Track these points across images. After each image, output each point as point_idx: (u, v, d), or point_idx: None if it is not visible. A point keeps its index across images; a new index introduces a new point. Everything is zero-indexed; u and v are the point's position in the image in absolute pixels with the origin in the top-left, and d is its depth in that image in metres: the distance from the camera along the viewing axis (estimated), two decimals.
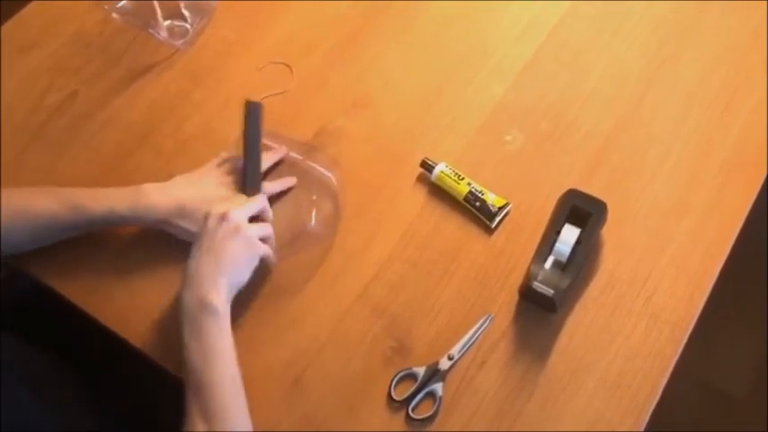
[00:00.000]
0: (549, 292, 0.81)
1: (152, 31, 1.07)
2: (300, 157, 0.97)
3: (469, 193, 0.92)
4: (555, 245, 0.84)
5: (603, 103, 1.01)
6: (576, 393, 0.81)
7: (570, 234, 0.85)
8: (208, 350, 0.75)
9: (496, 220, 0.91)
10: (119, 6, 1.10)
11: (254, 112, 0.92)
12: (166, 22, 1.08)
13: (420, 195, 0.95)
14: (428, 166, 0.95)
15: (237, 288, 0.81)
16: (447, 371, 0.83)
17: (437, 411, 0.81)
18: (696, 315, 0.86)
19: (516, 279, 0.88)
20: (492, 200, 0.92)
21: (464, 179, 0.93)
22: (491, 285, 0.88)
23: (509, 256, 0.90)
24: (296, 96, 1.03)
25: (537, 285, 0.82)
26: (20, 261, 0.90)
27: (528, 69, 1.05)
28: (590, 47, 1.07)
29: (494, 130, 1.00)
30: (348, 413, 0.81)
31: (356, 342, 0.85)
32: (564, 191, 0.89)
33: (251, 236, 0.81)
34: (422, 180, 0.96)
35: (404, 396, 0.81)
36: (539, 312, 0.86)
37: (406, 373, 0.83)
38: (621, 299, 0.87)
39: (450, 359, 0.83)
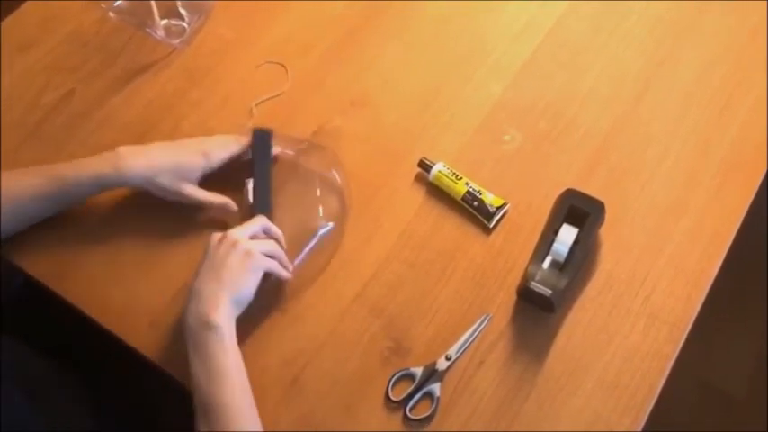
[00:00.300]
0: (547, 292, 0.81)
1: (149, 31, 1.07)
2: (301, 155, 0.97)
3: (467, 192, 0.92)
4: (553, 245, 0.84)
5: (602, 102, 1.01)
6: (574, 393, 0.81)
7: (568, 234, 0.84)
8: (212, 370, 0.75)
9: (494, 219, 0.91)
10: (116, 5, 1.10)
11: (263, 139, 0.93)
12: (163, 21, 1.08)
13: (418, 195, 0.95)
14: (426, 166, 0.95)
15: (243, 305, 0.80)
16: (445, 371, 0.83)
17: (435, 411, 0.80)
18: (694, 315, 0.86)
19: (514, 279, 0.88)
20: (490, 200, 0.92)
21: (462, 179, 0.93)
22: (489, 285, 0.88)
23: (507, 256, 0.90)
24: (294, 96, 1.03)
25: (535, 285, 0.82)
26: (16, 260, 0.90)
27: (526, 69, 1.05)
28: (588, 46, 1.07)
29: (492, 130, 0.99)
30: (346, 413, 0.81)
31: (354, 342, 0.85)
32: (562, 191, 0.88)
33: (250, 249, 0.81)
34: (420, 180, 0.96)
35: (401, 396, 0.81)
36: (537, 312, 0.85)
37: (403, 373, 0.83)
38: (619, 299, 0.87)
39: (448, 359, 0.83)
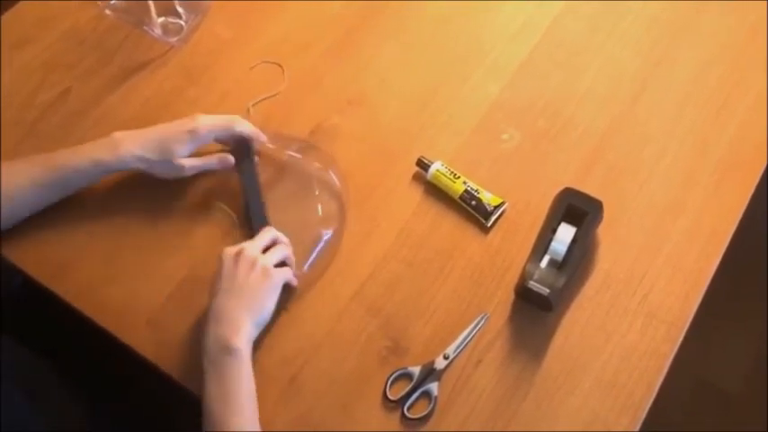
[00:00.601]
0: (545, 291, 0.81)
1: (146, 28, 1.07)
2: (299, 155, 0.97)
3: (465, 191, 0.92)
4: (551, 244, 0.84)
5: (599, 102, 1.01)
6: (572, 393, 0.81)
7: (566, 233, 0.84)
8: (226, 393, 0.74)
9: (492, 218, 0.91)
10: (112, 3, 1.09)
11: (244, 152, 0.93)
12: (160, 19, 1.07)
13: (416, 194, 0.95)
14: (424, 165, 0.94)
15: (262, 326, 0.81)
16: (442, 370, 0.82)
17: (432, 411, 0.80)
18: (692, 314, 0.86)
19: (512, 278, 0.88)
20: (488, 199, 0.92)
21: (460, 178, 0.93)
22: (487, 284, 0.88)
23: (505, 255, 0.90)
24: (291, 95, 1.03)
25: (533, 284, 0.82)
26: (14, 259, 0.90)
27: (523, 68, 1.05)
28: (585, 46, 1.07)
29: (490, 129, 0.99)
30: (343, 412, 0.81)
31: (352, 341, 0.85)
32: (560, 190, 0.88)
33: (269, 267, 0.81)
34: (417, 179, 0.96)
35: (399, 396, 0.81)
36: (534, 311, 0.85)
37: (401, 372, 0.82)
38: (617, 298, 0.87)
39: (446, 358, 0.83)
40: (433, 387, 0.81)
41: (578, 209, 0.86)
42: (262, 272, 0.80)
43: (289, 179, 0.96)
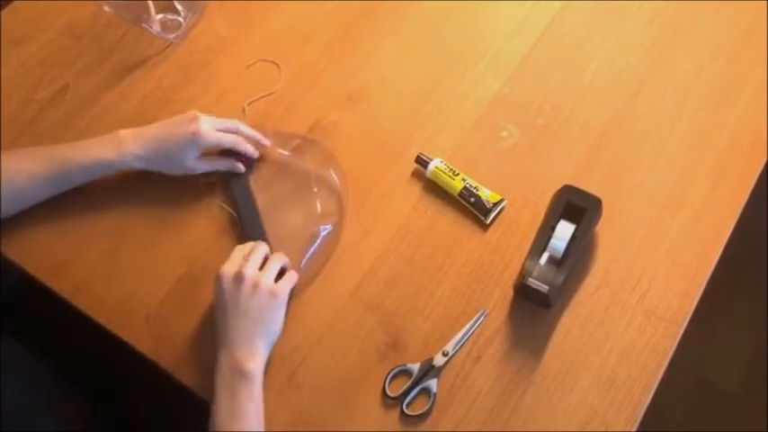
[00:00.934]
0: (544, 288, 0.81)
1: (144, 25, 1.07)
2: (297, 152, 0.97)
3: (464, 188, 0.92)
4: (550, 241, 0.84)
5: (599, 98, 1.01)
6: (571, 389, 0.81)
7: (565, 230, 0.84)
8: (240, 417, 0.75)
9: (491, 215, 0.91)
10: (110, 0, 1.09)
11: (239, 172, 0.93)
12: (159, 16, 1.07)
13: (415, 191, 0.94)
14: (423, 162, 0.94)
15: (274, 343, 0.81)
16: (442, 367, 0.82)
17: (432, 407, 0.80)
18: (691, 311, 0.86)
19: (511, 275, 0.88)
20: (487, 195, 0.91)
21: (459, 175, 0.93)
22: (486, 281, 0.88)
23: (504, 252, 0.90)
24: (290, 91, 1.03)
25: (532, 281, 0.82)
26: (12, 256, 0.90)
27: (523, 65, 1.04)
28: (585, 42, 1.06)
29: (489, 126, 0.99)
30: (342, 409, 0.81)
31: (351, 338, 0.85)
32: (559, 187, 0.88)
33: (273, 287, 0.81)
34: (416, 175, 0.95)
35: (398, 392, 0.81)
36: (534, 308, 0.85)
37: (400, 369, 0.82)
38: (616, 295, 0.87)
39: (445, 355, 0.83)
40: (433, 384, 0.81)
41: (577, 206, 0.86)
42: (268, 293, 0.80)
43: (287, 176, 0.95)
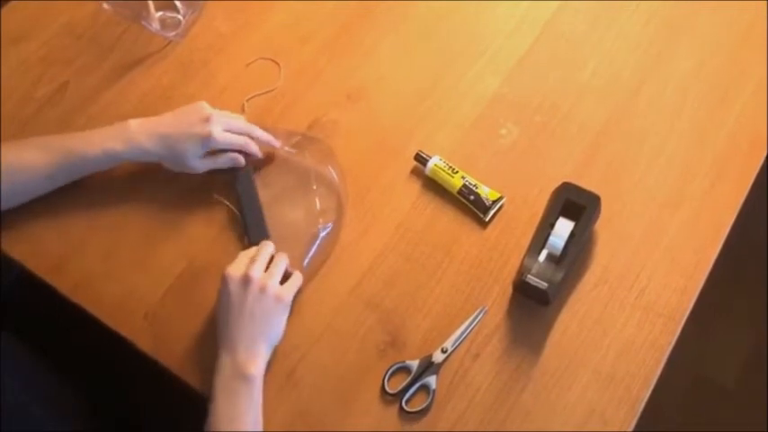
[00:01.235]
0: (543, 285, 0.81)
1: (144, 23, 1.07)
2: (297, 149, 0.97)
3: (463, 186, 0.92)
4: (549, 238, 0.84)
5: (598, 96, 1.01)
6: (570, 386, 0.81)
7: (564, 227, 0.85)
8: (238, 419, 0.75)
9: (490, 213, 0.91)
10: None
11: (245, 168, 0.93)
12: (158, 14, 1.07)
13: (414, 189, 0.95)
14: (422, 160, 0.94)
15: (275, 345, 0.81)
16: (441, 364, 0.83)
17: (431, 404, 0.81)
18: (689, 308, 0.86)
19: (510, 272, 0.88)
20: (486, 193, 0.92)
21: (458, 172, 0.93)
22: (485, 279, 0.88)
23: (503, 250, 0.90)
24: (289, 89, 1.03)
25: (531, 278, 0.82)
26: (12, 253, 0.90)
27: (522, 63, 1.05)
28: (584, 40, 1.06)
29: (488, 124, 0.99)
30: (342, 406, 0.81)
31: (350, 335, 0.85)
32: (558, 184, 0.88)
33: (279, 291, 0.81)
34: (416, 173, 0.96)
35: (397, 389, 0.81)
36: (532, 305, 0.86)
37: (399, 366, 0.83)
38: (615, 292, 0.87)
39: (444, 352, 0.83)
40: (432, 380, 0.81)
41: (576, 203, 0.86)
42: (274, 298, 0.80)
43: (287, 174, 0.96)
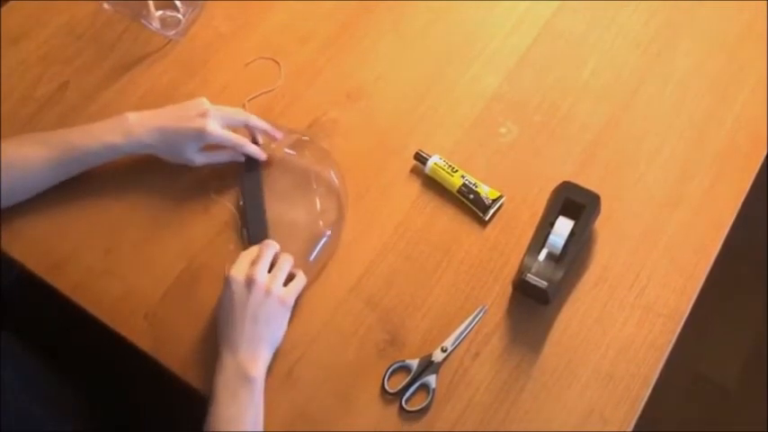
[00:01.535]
0: (543, 284, 0.81)
1: (144, 22, 1.07)
2: (296, 149, 0.97)
3: (463, 185, 0.92)
4: (548, 237, 0.84)
5: (597, 95, 1.01)
6: (569, 385, 0.81)
7: (564, 226, 0.85)
8: (238, 420, 0.75)
9: (490, 212, 0.91)
10: None
11: (251, 162, 0.93)
12: (159, 13, 1.07)
13: (413, 188, 0.95)
14: (422, 159, 0.94)
15: (277, 346, 0.82)
16: (440, 363, 0.83)
17: (430, 403, 0.81)
18: (689, 307, 0.86)
19: (510, 271, 0.88)
20: (486, 192, 0.92)
21: (458, 171, 0.93)
22: (485, 278, 0.88)
23: (503, 249, 0.90)
24: (289, 88, 1.03)
25: (530, 277, 0.82)
26: (12, 252, 0.90)
27: (522, 62, 1.05)
28: (584, 39, 1.06)
29: (488, 123, 0.99)
30: (341, 405, 0.81)
31: (349, 334, 0.85)
32: (558, 183, 0.88)
33: (283, 295, 0.81)
34: (415, 172, 0.96)
35: (397, 388, 0.81)
36: (532, 304, 0.86)
37: (399, 365, 0.83)
38: (614, 291, 0.87)
39: (444, 351, 0.83)
40: (431, 379, 0.81)
41: (576, 202, 0.86)
42: (278, 301, 0.80)
43: (286, 174, 0.96)
